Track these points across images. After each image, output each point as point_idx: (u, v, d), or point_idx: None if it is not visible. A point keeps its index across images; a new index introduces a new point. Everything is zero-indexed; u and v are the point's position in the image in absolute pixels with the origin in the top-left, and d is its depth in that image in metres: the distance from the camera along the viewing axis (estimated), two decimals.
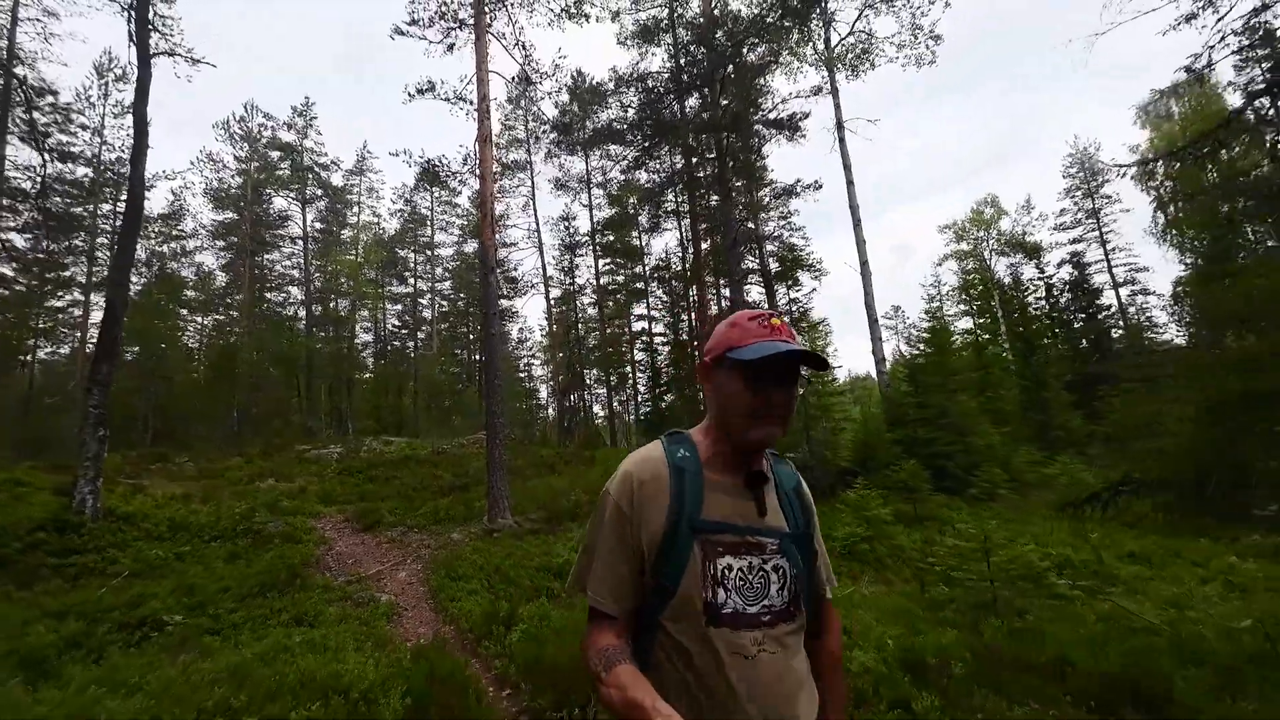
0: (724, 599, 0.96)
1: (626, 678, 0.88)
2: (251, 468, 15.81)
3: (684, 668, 0.95)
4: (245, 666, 2.97)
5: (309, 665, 2.93)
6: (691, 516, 0.98)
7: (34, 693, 2.77)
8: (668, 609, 0.96)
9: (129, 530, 7.52)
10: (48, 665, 3.61)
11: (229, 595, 5.40)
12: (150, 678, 2.94)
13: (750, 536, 1.00)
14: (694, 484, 1.01)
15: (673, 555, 0.96)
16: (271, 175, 25.20)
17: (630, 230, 25.86)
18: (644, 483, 1.00)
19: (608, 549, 1.00)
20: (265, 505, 9.64)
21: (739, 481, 1.03)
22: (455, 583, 5.73)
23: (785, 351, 0.96)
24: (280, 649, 3.45)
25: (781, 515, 1.06)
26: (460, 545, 7.67)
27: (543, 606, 4.32)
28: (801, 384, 1.02)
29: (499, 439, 8.71)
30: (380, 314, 32.72)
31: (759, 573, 0.99)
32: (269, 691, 2.57)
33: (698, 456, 1.04)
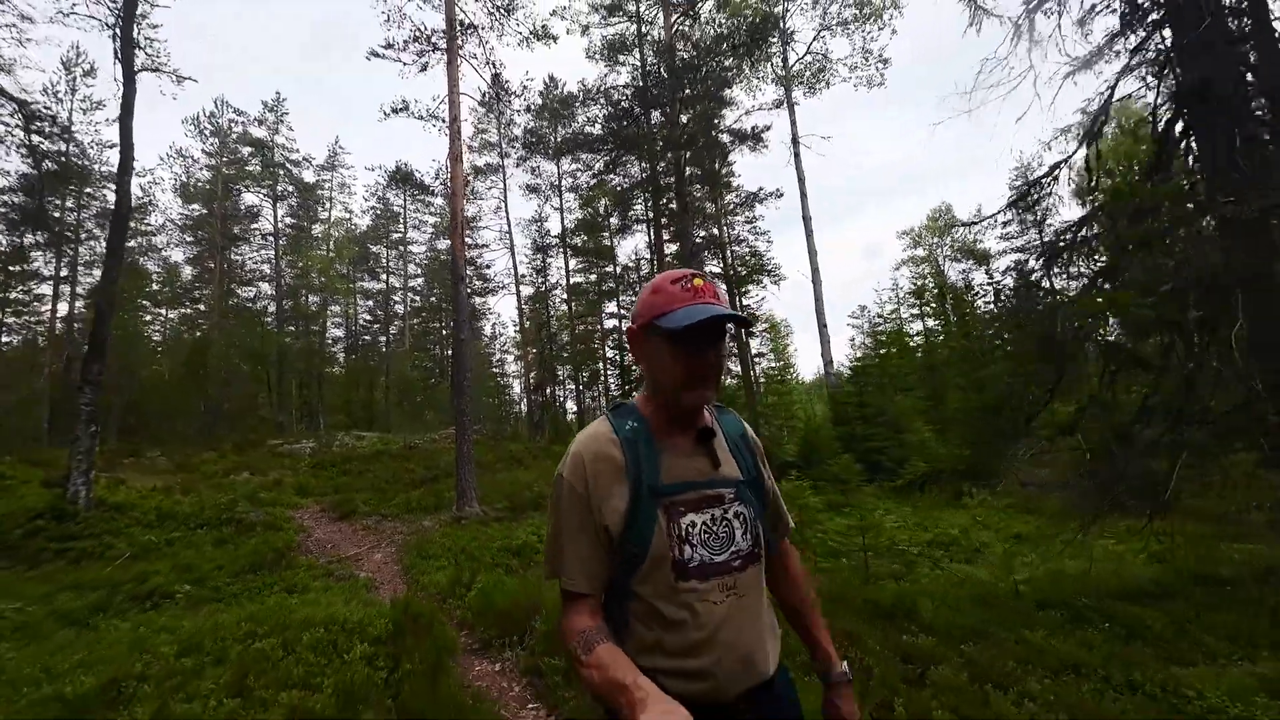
0: (690, 554, 0.99)
1: (606, 657, 0.90)
2: (225, 462, 16.26)
3: (658, 627, 0.99)
4: (258, 614, 3.81)
5: (308, 612, 3.79)
6: (651, 483, 1.01)
7: (93, 631, 3.56)
8: (638, 574, 1.00)
9: (120, 519, 8.13)
10: (84, 623, 4.38)
11: (223, 572, 6.15)
12: (180, 625, 3.77)
13: (708, 490, 1.04)
14: (647, 451, 1.03)
15: (638, 523, 0.99)
16: (242, 171, 25.25)
17: (601, 232, 26.67)
18: (594, 459, 1.03)
19: (571, 530, 1.02)
20: (245, 497, 10.29)
21: (689, 439, 1.07)
22: (425, 561, 6.58)
23: (710, 317, 0.97)
24: (280, 606, 4.29)
25: (734, 463, 1.11)
26: (430, 531, 8.48)
27: (498, 575, 5.23)
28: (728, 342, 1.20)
29: (467, 435, 9.54)
30: (352, 309, 32.92)
31: (722, 522, 1.03)
32: (281, 626, 3.42)
33: (647, 424, 1.07)
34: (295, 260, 27.91)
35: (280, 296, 26.45)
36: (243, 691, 2.48)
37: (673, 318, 0.99)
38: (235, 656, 2.89)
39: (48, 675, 2.73)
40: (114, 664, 2.80)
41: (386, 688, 2.58)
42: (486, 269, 30.69)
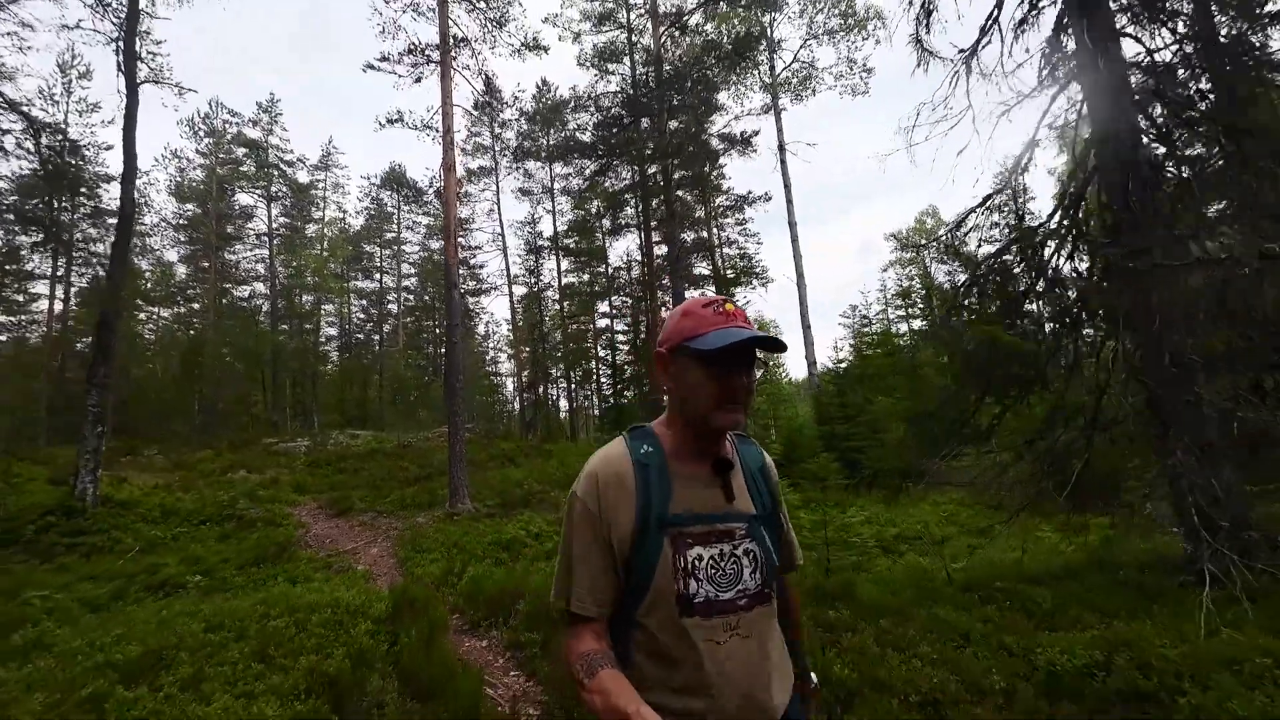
0: (695, 589, 0.97)
1: (610, 683, 0.89)
2: (221, 460, 16.56)
3: (661, 661, 0.97)
4: (269, 599, 4.23)
5: (315, 597, 4.22)
6: (660, 512, 0.99)
7: (117, 615, 3.97)
8: (642, 605, 0.98)
9: (126, 515, 8.51)
10: (106, 609, 4.79)
11: (229, 565, 6.56)
12: (198, 610, 4.19)
13: (719, 524, 1.02)
14: (660, 478, 1.02)
15: (643, 552, 0.97)
16: (236, 172, 25.47)
17: (593, 234, 27.09)
18: (609, 482, 1.02)
19: (582, 551, 1.00)
20: (244, 494, 10.67)
21: (705, 469, 1.05)
22: (420, 554, 7.01)
23: (747, 339, 0.97)
24: (287, 593, 4.71)
25: (749, 498, 1.08)
26: (424, 527, 8.90)
27: (488, 566, 5.68)
28: (759, 366, 1.05)
29: (460, 435, 9.96)
30: (346, 308, 33.19)
31: (730, 559, 1.01)
32: (291, 609, 3.85)
33: (662, 450, 1.05)
34: (289, 260, 28.16)
35: (275, 296, 26.70)
36: (265, 658, 2.91)
37: (705, 340, 0.98)
38: (254, 632, 3.32)
39: (93, 648, 3.15)
40: (149, 639, 3.23)
41: (388, 655, 3.01)
42: (480, 269, 31.07)
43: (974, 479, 7.34)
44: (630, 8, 17.69)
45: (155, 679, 2.69)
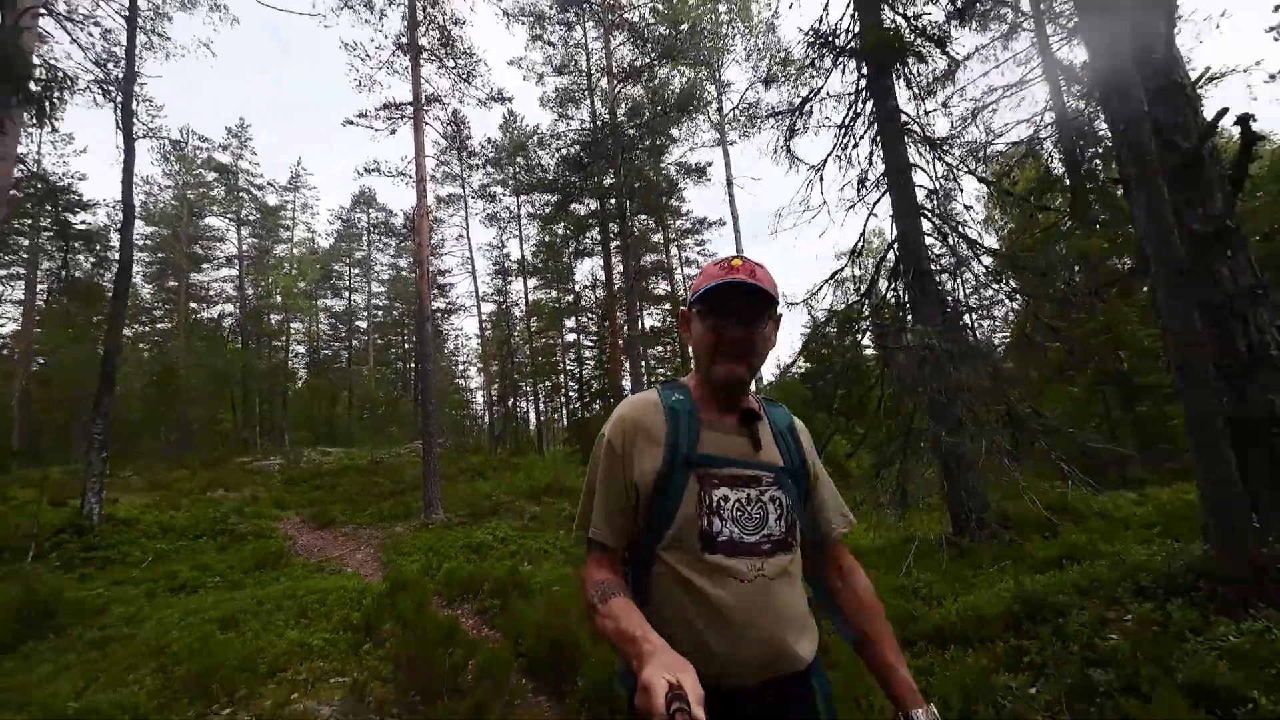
0: (719, 527, 0.99)
1: (620, 609, 0.92)
2: (198, 480, 17.20)
3: (682, 595, 0.99)
4: (288, 589, 5.48)
5: (325, 584, 5.48)
6: (688, 451, 1.02)
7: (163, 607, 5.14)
8: (665, 539, 1.01)
9: (129, 531, 9.44)
10: (140, 606, 5.91)
11: (235, 570, 7.66)
12: (229, 599, 5.40)
13: (745, 470, 1.05)
14: (689, 422, 1.05)
15: (670, 489, 1.01)
16: (206, 196, 26.02)
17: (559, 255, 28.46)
18: (636, 421, 1.06)
19: (605, 484, 1.06)
20: (232, 511, 11.62)
21: (733, 419, 1.09)
22: (401, 556, 8.22)
23: (727, 284, 1.01)
24: (299, 586, 5.95)
25: (776, 451, 1.11)
26: (402, 535, 10.06)
27: (460, 562, 6.98)
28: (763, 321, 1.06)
29: (433, 453, 11.18)
30: (314, 326, 33.66)
31: (757, 503, 1.03)
32: (311, 591, 5.12)
33: (691, 398, 1.10)
34: (259, 280, 28.68)
35: (244, 316, 27.21)
36: (305, 616, 4.19)
37: (701, 289, 1.05)
38: (290, 605, 4.59)
39: (175, 620, 4.36)
40: (212, 611, 4.47)
41: (392, 614, 4.32)
42: (449, 288, 32.07)
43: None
44: (589, 53, 19.28)
45: (237, 630, 3.95)
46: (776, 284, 1.07)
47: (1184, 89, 2.68)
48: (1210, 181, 2.65)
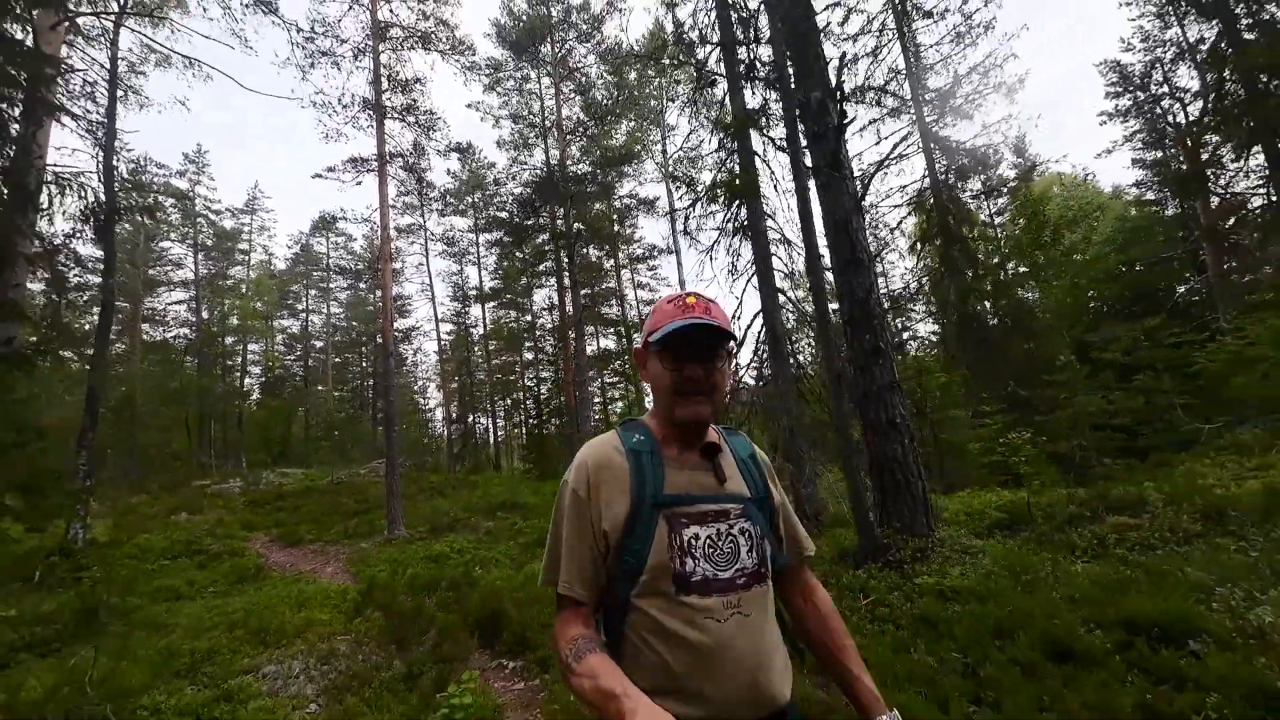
0: (693, 567, 0.98)
1: (598, 666, 0.90)
2: (160, 504, 17.73)
3: (660, 641, 0.97)
4: (279, 593, 6.79)
5: (310, 589, 6.82)
6: (654, 493, 1.01)
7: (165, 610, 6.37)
8: (638, 586, 0.99)
9: (112, 553, 10.34)
10: (142, 612, 7.07)
11: (220, 583, 8.78)
12: (232, 604, 6.67)
13: (713, 505, 1.04)
14: (652, 463, 1.04)
15: (638, 533, 0.99)
16: (163, 221, 26.32)
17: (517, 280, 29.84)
18: (599, 466, 1.04)
19: (571, 536, 1.03)
20: (204, 533, 12.54)
21: (695, 455, 1.08)
22: (368, 567, 9.46)
23: (686, 325, 1.01)
24: (290, 588, 7.24)
25: (741, 481, 1.10)
26: (368, 551, 11.25)
27: (421, 567, 8.36)
28: (723, 358, 1.06)
29: (396, 475, 12.43)
30: (270, 347, 33.85)
31: (727, 538, 1.02)
32: (298, 594, 6.46)
33: (653, 437, 1.09)
34: (215, 302, 28.94)
35: (200, 340, 27.46)
36: (303, 607, 5.57)
37: (659, 332, 1.03)
38: (287, 601, 5.95)
39: (201, 614, 5.64)
40: (227, 608, 5.79)
41: (373, 603, 5.73)
42: (410, 310, 32.87)
43: None
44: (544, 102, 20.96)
45: (256, 616, 5.30)
46: (728, 318, 1.08)
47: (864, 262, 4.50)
48: (873, 318, 4.47)
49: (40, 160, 6.03)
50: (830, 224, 4.56)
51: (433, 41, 15.11)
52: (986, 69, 13.53)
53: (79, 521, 10.15)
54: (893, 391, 4.33)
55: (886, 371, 4.38)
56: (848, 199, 4.56)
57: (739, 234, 6.75)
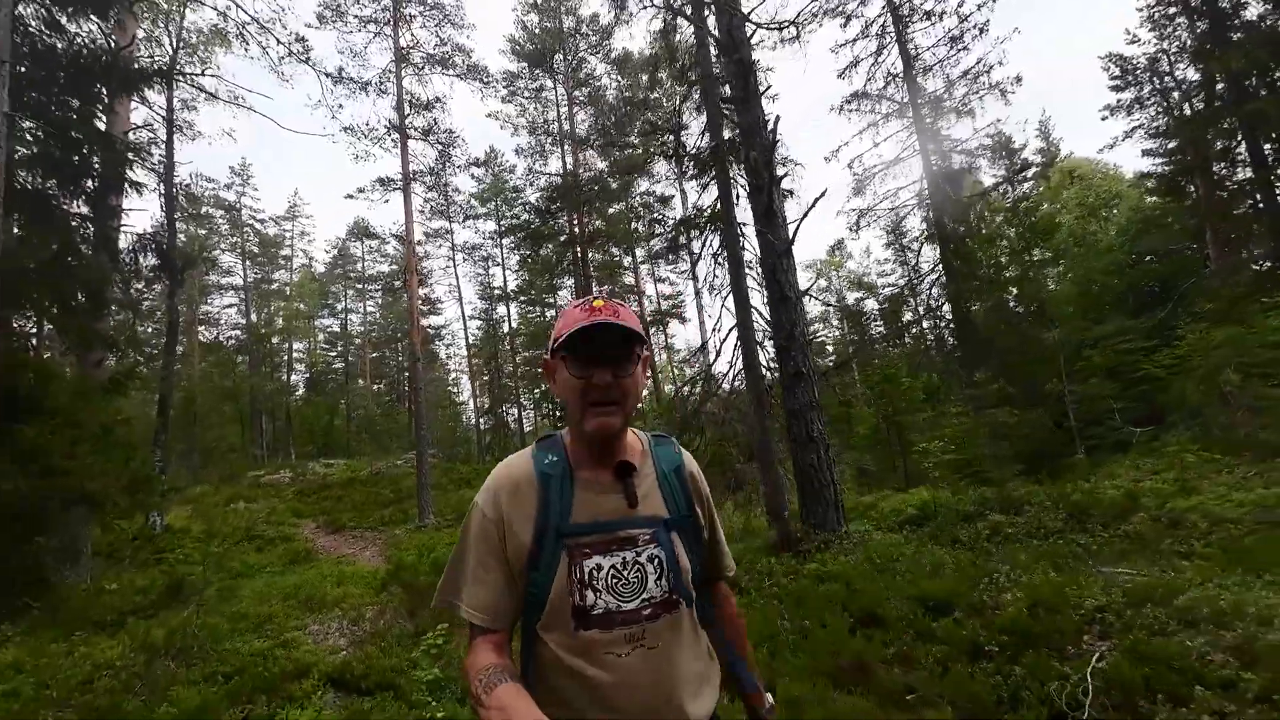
0: (593, 600, 0.95)
1: (507, 698, 0.85)
2: (220, 494, 19.65)
3: (561, 676, 0.95)
4: (323, 572, 8.10)
5: (344, 571, 8.10)
6: (558, 523, 0.97)
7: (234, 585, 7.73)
8: (542, 618, 0.96)
9: (183, 538, 11.94)
10: (215, 587, 8.48)
11: (275, 564, 10.20)
12: (290, 579, 8.00)
13: (620, 531, 0.99)
14: (561, 489, 1.00)
15: (541, 564, 0.96)
16: (214, 232, 28.46)
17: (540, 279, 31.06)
18: (507, 491, 1.00)
19: (477, 560, 0.99)
20: (260, 520, 14.17)
21: (608, 475, 1.02)
22: (400, 551, 10.79)
23: (591, 325, 0.94)
24: (332, 571, 8.56)
25: (660, 501, 1.05)
26: (401, 537, 12.61)
27: (444, 552, 9.60)
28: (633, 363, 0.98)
29: (426, 468, 13.77)
30: (313, 345, 36.08)
31: (634, 567, 0.98)
32: (339, 573, 7.74)
33: (566, 459, 1.03)
34: (262, 306, 31.12)
35: (250, 341, 29.66)
36: (344, 584, 6.80)
37: (565, 336, 0.95)
38: (330, 579, 7.21)
39: (261, 588, 6.94)
40: (282, 583, 7.08)
41: (396, 580, 6.92)
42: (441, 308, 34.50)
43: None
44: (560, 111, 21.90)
45: (305, 590, 6.55)
46: (640, 321, 1.03)
47: (791, 299, 5.30)
48: (799, 348, 5.29)
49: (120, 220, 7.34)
50: (765, 266, 5.38)
51: (450, 65, 16.19)
52: (978, 73, 13.83)
53: (156, 511, 11.79)
54: (812, 409, 5.16)
55: (806, 393, 5.20)
56: (779, 244, 5.37)
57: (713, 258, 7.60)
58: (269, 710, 3.08)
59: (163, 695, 3.12)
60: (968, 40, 13.88)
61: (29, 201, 5.98)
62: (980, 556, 4.15)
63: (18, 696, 3.17)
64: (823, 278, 42.19)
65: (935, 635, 3.01)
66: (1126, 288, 16.12)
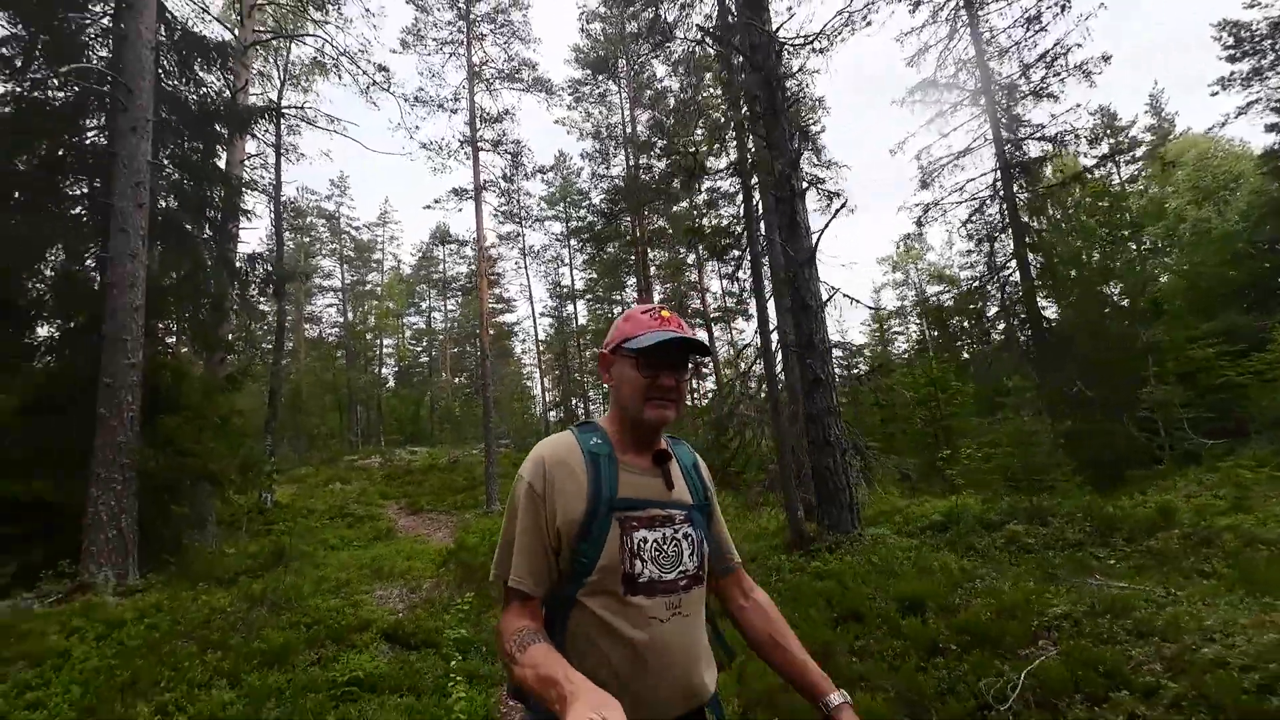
0: (640, 569, 1.03)
1: (539, 655, 0.91)
2: (320, 476, 21.97)
3: (603, 639, 1.02)
4: (396, 549, 9.14)
5: (415, 549, 9.09)
6: (610, 497, 1.05)
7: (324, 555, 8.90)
8: (586, 585, 1.03)
9: (288, 512, 13.68)
10: (320, 555, 9.75)
11: (360, 540, 11.51)
12: (364, 552, 9.10)
13: (661, 510, 1.09)
14: (609, 467, 1.08)
15: (593, 534, 1.02)
16: (317, 239, 31.57)
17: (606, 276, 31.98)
18: (556, 464, 1.08)
19: (524, 531, 1.05)
20: (351, 500, 15.86)
21: (647, 461, 1.14)
22: (467, 533, 11.82)
23: (672, 339, 1.06)
24: (404, 548, 9.60)
25: (686, 489, 1.17)
26: (470, 521, 13.73)
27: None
28: (688, 371, 1.13)
29: (493, 458, 14.85)
30: (401, 341, 39.12)
31: (672, 542, 1.08)
32: (411, 550, 8.72)
33: (609, 442, 1.13)
34: (357, 306, 34.15)
35: (346, 338, 32.66)
36: (411, 557, 7.72)
37: (639, 340, 1.07)
38: (402, 554, 8.18)
39: (345, 559, 8.02)
40: (363, 556, 8.12)
41: (455, 558, 7.75)
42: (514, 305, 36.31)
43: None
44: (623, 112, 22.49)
45: (378, 563, 7.52)
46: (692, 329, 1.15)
47: (812, 308, 5.47)
48: (818, 355, 5.43)
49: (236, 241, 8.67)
50: (787, 276, 5.58)
51: (518, 79, 17.16)
52: (1057, 54, 12.93)
53: (268, 489, 13.56)
54: (830, 415, 5.31)
55: (825, 398, 5.36)
56: (802, 254, 5.54)
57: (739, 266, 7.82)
58: (335, 653, 3.81)
59: (257, 635, 3.95)
60: (1046, 20, 13.01)
61: (167, 230, 7.27)
62: (986, 564, 4.22)
63: (158, 629, 4.10)
64: (898, 271, 40.34)
65: (903, 632, 3.21)
66: (1248, 280, 14.41)
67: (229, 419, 8.21)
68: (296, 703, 3.01)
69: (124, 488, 5.55)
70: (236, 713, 2.89)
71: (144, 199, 5.81)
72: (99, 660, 3.50)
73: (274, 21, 14.23)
